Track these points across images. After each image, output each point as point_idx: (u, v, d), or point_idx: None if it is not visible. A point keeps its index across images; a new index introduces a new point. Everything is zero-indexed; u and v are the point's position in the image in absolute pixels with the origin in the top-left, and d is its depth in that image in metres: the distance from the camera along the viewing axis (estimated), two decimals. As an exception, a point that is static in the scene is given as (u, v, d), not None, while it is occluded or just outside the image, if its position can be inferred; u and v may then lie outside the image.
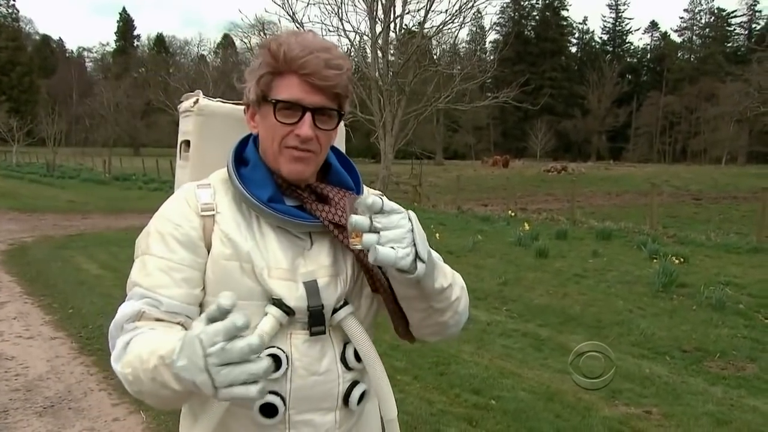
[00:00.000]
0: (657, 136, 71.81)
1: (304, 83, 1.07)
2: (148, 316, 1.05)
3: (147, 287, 1.06)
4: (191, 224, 1.10)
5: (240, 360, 0.80)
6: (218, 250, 1.09)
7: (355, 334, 1.12)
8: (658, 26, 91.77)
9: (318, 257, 1.13)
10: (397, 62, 13.20)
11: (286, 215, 1.10)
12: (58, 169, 33.61)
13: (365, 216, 0.96)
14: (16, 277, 7.59)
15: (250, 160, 1.16)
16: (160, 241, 1.09)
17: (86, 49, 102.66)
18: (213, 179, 1.18)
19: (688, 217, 16.63)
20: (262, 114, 1.12)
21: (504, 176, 29.72)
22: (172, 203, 1.15)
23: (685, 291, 6.96)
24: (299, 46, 1.07)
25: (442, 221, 13.78)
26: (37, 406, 3.85)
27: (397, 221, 0.97)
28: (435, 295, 1.07)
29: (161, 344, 0.94)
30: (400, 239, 0.96)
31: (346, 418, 1.15)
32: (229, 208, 1.13)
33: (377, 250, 0.93)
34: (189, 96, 1.47)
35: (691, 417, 3.86)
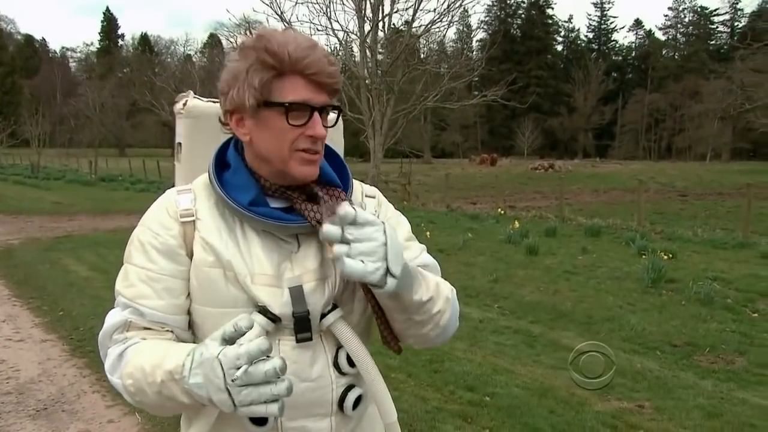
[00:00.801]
0: (642, 134, 72.37)
1: (310, 82, 1.04)
2: (135, 326, 1.05)
3: (129, 297, 1.06)
4: (170, 232, 1.08)
5: (263, 381, 0.85)
6: (200, 257, 1.06)
7: (346, 339, 1.09)
8: (643, 24, 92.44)
9: (305, 261, 1.09)
10: (385, 61, 13.21)
11: (269, 218, 1.06)
12: (42, 171, 33.25)
13: (337, 226, 0.94)
14: (3, 279, 7.52)
15: (232, 163, 1.13)
16: (140, 251, 1.08)
17: (70, 49, 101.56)
18: (195, 184, 1.16)
19: (674, 214, 16.80)
20: (262, 119, 1.06)
21: (492, 174, 29.84)
22: (152, 211, 1.12)
23: (674, 286, 7.03)
24: (297, 44, 1.03)
25: (432, 219, 13.81)
26: (30, 409, 3.82)
27: (369, 234, 0.95)
28: (414, 308, 1.06)
29: (165, 359, 0.95)
30: (371, 252, 0.94)
31: (342, 424, 1.13)
32: (210, 214, 1.09)
33: (344, 263, 0.92)
34: (182, 96, 1.44)
35: (682, 410, 3.91)
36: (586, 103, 72.38)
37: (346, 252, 0.93)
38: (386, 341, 1.13)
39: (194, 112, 1.35)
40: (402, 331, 1.13)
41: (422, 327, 1.12)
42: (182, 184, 1.30)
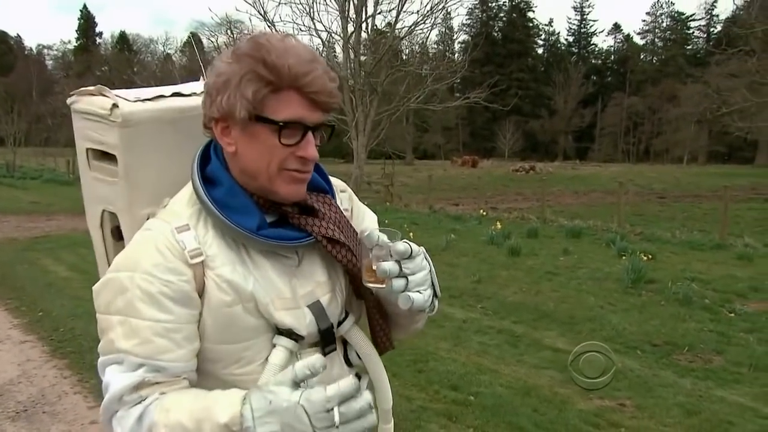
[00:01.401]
0: (621, 137, 73.24)
1: (306, 100, 0.97)
2: (149, 383, 0.95)
3: (145, 356, 0.95)
4: (182, 278, 0.97)
5: (355, 418, 0.85)
6: (217, 298, 0.99)
7: (359, 342, 1.14)
8: (621, 28, 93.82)
9: (312, 274, 1.08)
10: (369, 62, 13.23)
11: (281, 240, 1.02)
12: (19, 170, 32.69)
13: (393, 261, 0.97)
14: (-20, 280, 7.38)
15: (223, 182, 1.03)
16: (149, 303, 0.95)
17: (46, 46, 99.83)
18: (184, 215, 1.03)
19: (653, 216, 17.04)
20: (252, 133, 0.99)
21: (474, 176, 30.02)
22: (150, 253, 0.97)
23: (654, 287, 7.14)
24: (297, 58, 0.96)
25: (414, 220, 13.85)
26: (10, 411, 3.77)
27: (420, 264, 0.99)
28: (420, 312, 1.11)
29: (212, 411, 0.88)
30: (423, 282, 1.00)
31: None
32: (216, 246, 1.00)
33: (412, 299, 0.97)
34: (86, 91, 1.23)
35: (662, 408, 3.98)
36: (566, 106, 73.09)
37: (405, 286, 0.97)
38: (381, 342, 1.17)
39: (134, 120, 1.15)
40: (400, 329, 1.20)
41: (417, 323, 1.20)
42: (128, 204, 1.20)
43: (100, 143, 1.20)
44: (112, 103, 1.15)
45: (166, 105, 1.19)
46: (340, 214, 1.11)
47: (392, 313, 1.14)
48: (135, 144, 1.16)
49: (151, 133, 1.17)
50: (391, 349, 1.21)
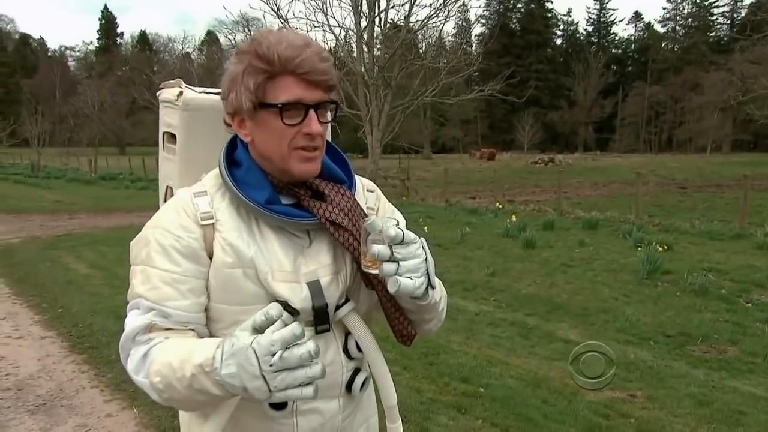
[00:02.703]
0: (643, 127, 72.27)
1: (302, 81, 1.06)
2: (158, 327, 1.06)
3: (154, 300, 1.06)
4: (192, 235, 1.09)
5: (298, 365, 0.88)
6: (220, 258, 1.08)
7: (357, 329, 1.16)
8: (642, 17, 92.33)
9: (318, 256, 1.14)
10: (382, 56, 13.22)
11: (286, 216, 1.10)
12: (43, 170, 33.31)
13: (385, 245, 1.00)
14: (3, 278, 7.56)
15: (243, 162, 1.15)
16: (162, 254, 1.08)
17: (68, 48, 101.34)
18: (207, 185, 1.16)
19: (673, 206, 16.82)
20: (260, 121, 1.09)
21: (492, 169, 29.82)
22: (169, 213, 1.12)
23: (670, 278, 7.07)
24: (287, 45, 1.05)
25: (430, 214, 13.85)
26: (29, 405, 3.87)
27: (414, 251, 1.02)
28: (428, 309, 1.15)
29: (194, 353, 0.97)
30: (416, 269, 1.02)
31: (348, 404, 1.21)
32: (228, 214, 1.11)
33: (399, 283, 1.00)
34: (169, 84, 1.42)
35: (674, 399, 3.96)
36: (586, 97, 72.28)
37: (395, 270, 1.00)
38: (400, 336, 1.20)
39: (192, 105, 1.35)
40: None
41: (428, 323, 1.22)
42: (180, 178, 1.36)
43: (169, 125, 1.40)
44: (180, 90, 1.36)
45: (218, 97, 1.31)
46: (352, 204, 1.15)
47: (404, 308, 1.17)
48: (191, 126, 1.35)
49: (206, 118, 1.34)
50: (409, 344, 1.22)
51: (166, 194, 1.46)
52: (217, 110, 1.32)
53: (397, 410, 1.27)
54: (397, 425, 1.27)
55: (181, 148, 1.37)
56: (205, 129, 1.35)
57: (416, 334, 1.22)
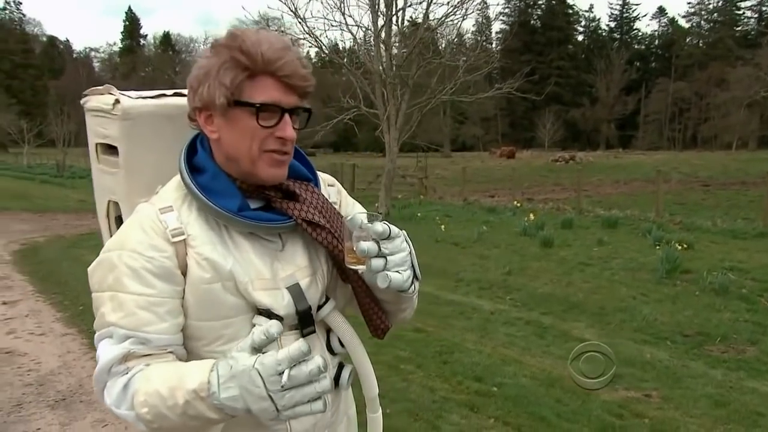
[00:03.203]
0: (666, 123, 71.18)
1: (280, 84, 1.03)
2: (135, 355, 1.00)
3: (131, 327, 1.00)
4: (164, 254, 1.03)
5: (306, 382, 0.87)
6: (196, 274, 1.04)
7: (340, 327, 1.16)
8: (666, 12, 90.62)
9: (294, 258, 1.12)
10: (400, 55, 13.22)
11: (260, 221, 1.07)
12: (68, 170, 33.88)
13: (372, 242, 1.00)
14: (28, 276, 7.74)
15: (208, 168, 1.09)
16: (133, 277, 1.01)
17: (93, 49, 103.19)
18: (170, 198, 1.09)
19: (695, 204, 16.57)
20: (232, 118, 1.05)
21: (512, 167, 29.66)
22: (135, 233, 1.05)
23: (689, 277, 6.97)
24: (269, 46, 1.02)
25: (448, 213, 13.82)
26: (50, 400, 3.96)
27: (399, 245, 1.02)
28: (406, 299, 1.15)
29: (184, 379, 0.93)
30: (402, 262, 1.02)
31: (335, 399, 1.22)
32: (198, 227, 1.06)
33: (390, 278, 1.00)
34: (96, 91, 1.33)
35: (690, 399, 3.91)
36: (608, 94, 71.41)
37: (383, 265, 1.00)
38: (376, 329, 1.19)
39: (132, 113, 1.26)
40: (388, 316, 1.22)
41: (404, 312, 1.21)
42: (127, 192, 1.29)
43: (105, 136, 1.31)
44: (115, 98, 1.27)
45: (165, 102, 1.29)
46: (323, 201, 1.14)
47: (380, 300, 1.17)
48: (134, 136, 1.26)
49: (149, 126, 1.27)
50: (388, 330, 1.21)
51: (108, 209, 1.39)
52: (159, 116, 1.28)
53: (378, 401, 1.27)
54: (377, 415, 1.27)
55: (126, 160, 1.29)
56: (149, 137, 1.27)
57: (390, 327, 1.21)
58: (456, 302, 6.27)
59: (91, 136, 1.36)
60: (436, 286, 6.84)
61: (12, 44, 77.58)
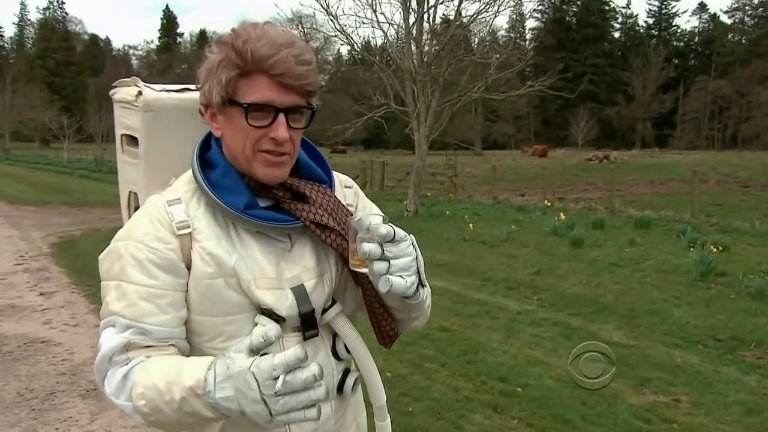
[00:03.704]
0: (705, 122, 69.48)
1: (275, 83, 1.01)
2: (136, 346, 1.00)
3: (131, 317, 1.00)
4: (169, 246, 1.03)
5: (302, 389, 0.85)
6: (200, 269, 1.03)
7: (345, 332, 1.13)
8: (707, 8, 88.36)
9: (301, 259, 1.10)
10: (431, 52, 13.17)
11: (268, 221, 1.06)
12: (106, 165, 34.64)
13: (376, 244, 0.96)
14: (64, 268, 7.96)
15: (218, 164, 1.09)
16: (137, 268, 1.02)
17: (132, 47, 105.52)
18: (180, 191, 1.09)
19: (733, 205, 16.13)
20: (229, 117, 1.04)
21: (543, 166, 29.32)
22: (142, 224, 1.05)
23: (724, 280, 6.80)
24: (265, 42, 1.00)
25: (477, 211, 13.74)
26: (81, 389, 4.07)
27: (405, 249, 0.98)
28: (416, 307, 1.10)
29: (181, 374, 0.92)
30: (407, 267, 0.98)
31: (340, 406, 1.18)
32: (204, 221, 1.05)
33: (391, 282, 0.96)
34: (124, 83, 1.35)
35: (721, 406, 3.82)
36: (644, 92, 70.01)
37: (386, 269, 0.96)
38: (384, 337, 1.17)
39: (154, 105, 1.27)
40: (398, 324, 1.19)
41: (414, 321, 1.18)
42: (146, 183, 1.29)
43: (129, 128, 1.32)
44: (138, 90, 1.27)
45: (188, 96, 1.28)
46: (334, 203, 1.12)
47: (389, 308, 1.15)
48: (155, 128, 1.27)
49: (170, 119, 1.27)
50: (397, 338, 1.19)
51: (129, 200, 1.40)
52: (181, 109, 1.28)
53: (386, 409, 1.24)
54: (386, 423, 1.24)
55: (145, 151, 1.29)
56: (170, 130, 1.27)
57: (399, 335, 1.19)
58: (482, 301, 6.23)
59: (118, 127, 1.37)
60: (462, 285, 6.81)
61: (55, 42, 79.98)
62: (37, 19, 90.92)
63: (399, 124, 19.34)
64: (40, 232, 11.00)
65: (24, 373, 4.31)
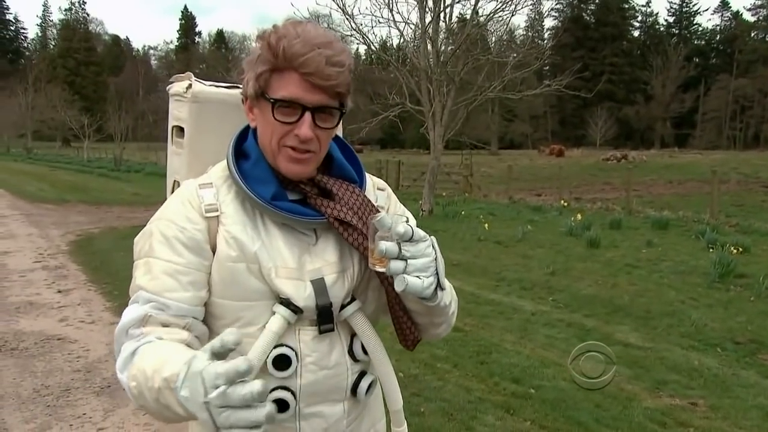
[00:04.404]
0: (726, 122, 68.46)
1: (305, 81, 1.03)
2: (154, 321, 1.01)
3: (153, 291, 1.03)
4: (196, 227, 1.07)
5: (241, 406, 0.77)
6: (224, 252, 1.06)
7: (363, 330, 1.13)
8: (729, 5, 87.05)
9: (324, 253, 1.11)
10: (446, 52, 13.12)
11: (291, 213, 1.07)
12: (124, 164, 35.05)
13: (394, 242, 0.96)
14: (81, 265, 8.04)
15: (252, 154, 1.12)
16: (164, 244, 1.05)
17: (151, 47, 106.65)
18: (214, 176, 1.14)
19: (754, 206, 15.87)
20: (261, 109, 1.08)
21: (559, 165, 29.12)
22: (174, 204, 1.10)
23: (744, 282, 6.69)
24: (300, 41, 1.01)
25: (492, 211, 13.67)
26: (96, 386, 4.10)
27: (423, 250, 0.98)
28: (438, 312, 1.10)
29: (166, 364, 0.89)
30: (425, 268, 0.98)
31: (353, 408, 1.17)
32: (233, 207, 1.09)
33: (407, 282, 0.95)
34: (179, 78, 1.41)
35: (739, 410, 3.75)
36: (664, 91, 69.21)
37: (403, 269, 0.96)
38: (405, 340, 1.17)
39: (200, 97, 1.33)
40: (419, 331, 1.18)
41: (438, 327, 1.16)
42: (187, 171, 1.33)
43: (178, 119, 1.37)
44: (189, 83, 1.34)
45: (235, 92, 1.31)
46: (361, 202, 1.12)
47: (411, 313, 1.14)
48: (200, 118, 1.33)
49: (216, 111, 1.33)
50: (412, 348, 1.19)
51: (172, 189, 1.42)
52: (225, 104, 1.33)
53: (402, 414, 1.23)
54: (402, 429, 1.23)
55: (189, 140, 1.35)
56: (214, 122, 1.33)
57: (421, 339, 1.18)
58: (496, 302, 6.19)
59: (170, 119, 1.41)
60: (476, 285, 6.77)
61: (76, 43, 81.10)
62: (59, 20, 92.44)
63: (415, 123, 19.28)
64: (58, 230, 11.14)
65: (40, 370, 4.36)
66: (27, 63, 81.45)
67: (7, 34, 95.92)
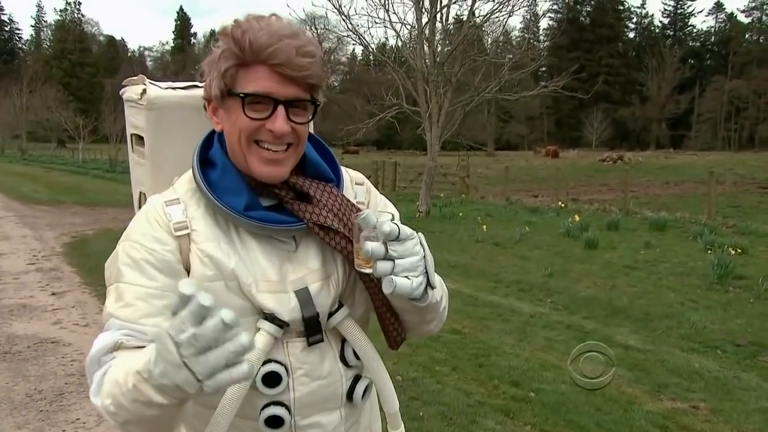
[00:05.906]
0: (721, 123, 68.72)
1: (275, 73, 0.96)
2: (126, 347, 0.93)
3: (126, 319, 0.95)
4: (166, 247, 0.99)
5: (216, 342, 0.72)
6: (199, 271, 0.99)
7: (353, 336, 1.08)
8: (724, 7, 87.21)
9: (306, 261, 1.05)
10: (443, 52, 13.11)
11: (268, 222, 1.01)
12: (120, 165, 34.91)
13: (380, 242, 0.91)
14: (76, 267, 7.97)
15: (218, 163, 1.05)
16: (133, 268, 0.98)
17: (147, 48, 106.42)
18: (180, 191, 1.06)
19: (751, 207, 15.90)
20: (228, 109, 1.00)
21: (556, 167, 29.15)
22: (140, 224, 1.03)
23: (743, 283, 6.67)
24: (265, 33, 0.95)
25: (489, 212, 13.65)
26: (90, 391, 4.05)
27: (411, 248, 0.93)
28: (429, 309, 1.05)
29: (136, 362, 0.83)
30: (414, 267, 0.93)
31: (350, 414, 1.13)
32: (204, 222, 1.02)
33: (395, 283, 0.90)
34: (132, 81, 1.32)
35: (741, 413, 3.71)
36: (659, 92, 69.44)
37: (391, 269, 0.91)
38: (392, 341, 1.12)
39: (157, 104, 1.24)
40: (409, 329, 1.13)
41: (429, 323, 1.12)
42: (152, 184, 1.26)
43: (136, 127, 1.29)
44: (143, 88, 1.24)
45: (194, 93, 1.24)
46: (341, 203, 1.06)
47: (400, 310, 1.09)
48: (159, 126, 1.24)
49: (175, 117, 1.24)
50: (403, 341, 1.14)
51: (139, 201, 1.38)
52: (185, 107, 1.25)
53: (399, 416, 1.19)
54: (399, 431, 1.20)
55: (151, 151, 1.27)
56: (174, 129, 1.24)
57: (405, 338, 1.13)
58: (494, 304, 6.15)
59: (128, 126, 1.34)
60: (474, 287, 6.73)
61: (71, 44, 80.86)
62: (54, 21, 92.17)
63: (411, 124, 19.27)
64: (53, 232, 11.06)
65: (33, 374, 4.30)
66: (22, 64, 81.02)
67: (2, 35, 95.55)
